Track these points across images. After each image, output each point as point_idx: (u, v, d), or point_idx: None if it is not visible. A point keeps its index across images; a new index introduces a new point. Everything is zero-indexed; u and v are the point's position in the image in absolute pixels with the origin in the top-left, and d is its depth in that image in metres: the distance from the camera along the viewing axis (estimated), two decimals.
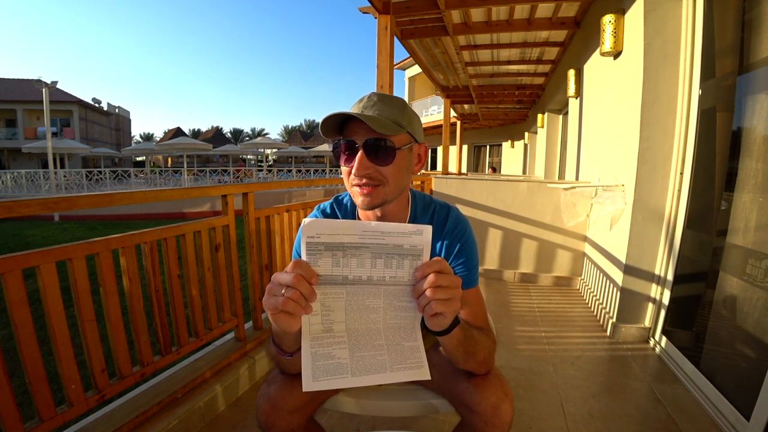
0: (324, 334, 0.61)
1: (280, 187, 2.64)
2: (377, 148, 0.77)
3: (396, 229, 0.59)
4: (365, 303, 0.61)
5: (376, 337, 0.62)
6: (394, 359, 0.62)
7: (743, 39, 1.77)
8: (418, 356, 0.63)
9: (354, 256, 0.59)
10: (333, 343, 0.60)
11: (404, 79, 17.31)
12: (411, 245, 0.59)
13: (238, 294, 1.85)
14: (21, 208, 1.04)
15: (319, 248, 0.58)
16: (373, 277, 0.60)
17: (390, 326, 0.63)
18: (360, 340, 0.62)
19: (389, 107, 0.79)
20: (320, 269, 0.58)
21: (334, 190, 10.65)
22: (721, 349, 1.84)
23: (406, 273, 0.60)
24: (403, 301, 0.62)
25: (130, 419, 1.31)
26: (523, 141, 11.52)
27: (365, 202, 0.80)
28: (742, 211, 1.67)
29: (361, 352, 0.61)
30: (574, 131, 4.24)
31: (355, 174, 0.77)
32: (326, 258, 0.58)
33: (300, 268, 0.56)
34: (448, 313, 0.60)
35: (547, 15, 3.80)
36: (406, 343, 0.63)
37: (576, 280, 3.44)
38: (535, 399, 1.74)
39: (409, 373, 0.61)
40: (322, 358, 0.59)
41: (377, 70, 3.26)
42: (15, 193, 13.78)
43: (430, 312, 0.59)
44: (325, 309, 0.60)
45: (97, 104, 27.53)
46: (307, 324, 0.60)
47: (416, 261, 0.60)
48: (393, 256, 0.60)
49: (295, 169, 23.29)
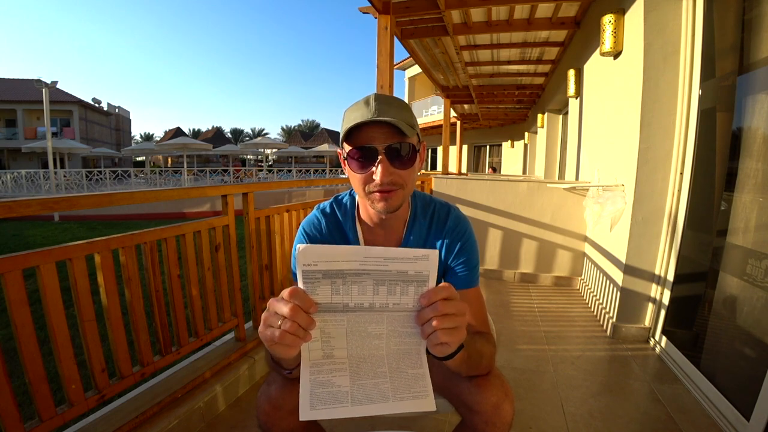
0: (324, 360, 0.58)
1: (280, 187, 2.64)
2: (399, 152, 0.76)
3: (400, 254, 0.56)
4: (367, 329, 0.58)
5: (379, 364, 0.59)
6: (397, 387, 0.59)
7: (743, 39, 1.77)
8: (423, 385, 0.59)
9: (355, 284, 0.56)
10: (333, 369, 0.58)
11: (404, 79, 17.31)
12: (416, 271, 0.57)
13: (238, 294, 1.85)
14: (21, 208, 1.04)
15: (316, 276, 0.55)
16: (376, 304, 0.57)
17: (393, 352, 0.60)
18: (362, 367, 0.59)
19: (399, 109, 0.77)
20: (319, 297, 0.55)
21: (334, 190, 10.64)
22: (721, 349, 1.84)
23: (411, 299, 0.57)
24: (408, 327, 0.59)
25: (130, 419, 1.31)
26: (523, 141, 11.52)
27: (386, 207, 0.78)
28: (742, 211, 1.67)
29: (362, 380, 0.58)
30: (574, 131, 4.24)
31: (381, 181, 0.75)
32: (325, 286, 0.55)
33: (297, 298, 0.54)
34: (454, 343, 0.58)
35: (547, 15, 3.80)
36: (411, 370, 0.60)
37: (576, 280, 3.44)
38: (535, 399, 1.74)
39: (412, 403, 0.58)
40: (321, 386, 0.57)
41: (377, 70, 3.26)
42: (15, 193, 13.77)
43: (435, 341, 0.57)
44: (325, 336, 0.58)
45: (97, 104, 27.53)
46: (306, 350, 0.57)
47: (421, 287, 0.57)
48: (397, 283, 0.57)
49: (295, 169, 23.29)
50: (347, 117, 0.78)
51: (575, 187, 3.29)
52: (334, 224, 0.92)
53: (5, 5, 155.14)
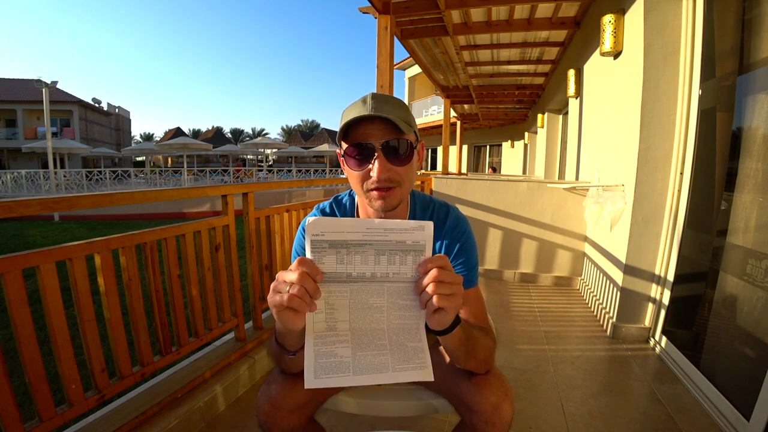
0: (327, 332, 0.61)
1: (280, 187, 2.64)
2: (396, 149, 0.76)
3: (398, 225, 0.59)
4: (369, 302, 0.61)
5: (380, 337, 0.62)
6: (397, 359, 0.61)
7: (743, 39, 1.77)
8: (422, 357, 0.62)
9: (358, 253, 0.59)
10: (336, 341, 0.60)
11: (404, 79, 17.31)
12: (413, 241, 0.60)
13: (238, 294, 1.85)
14: (21, 208, 1.04)
15: (323, 246, 0.58)
16: (377, 273, 0.60)
17: (394, 327, 0.63)
18: (363, 339, 0.61)
19: (396, 107, 0.77)
20: (324, 267, 0.58)
21: (334, 190, 10.64)
22: (721, 349, 1.84)
23: (409, 269, 0.61)
24: (407, 300, 0.62)
25: (130, 419, 1.31)
26: (523, 141, 11.52)
27: (383, 205, 0.79)
28: (742, 211, 1.67)
29: (363, 351, 0.61)
30: (574, 131, 4.24)
31: (378, 177, 0.76)
32: (330, 255, 0.59)
33: (305, 266, 0.56)
34: (450, 308, 0.60)
35: (547, 15, 3.80)
36: (410, 343, 0.63)
37: (576, 280, 3.44)
38: (535, 399, 1.74)
39: (412, 374, 0.61)
40: (325, 356, 0.59)
41: (377, 70, 3.26)
42: (15, 193, 13.77)
43: (432, 307, 0.59)
44: (329, 307, 0.60)
45: (97, 104, 27.53)
46: (311, 322, 0.60)
47: (419, 257, 0.60)
48: (396, 253, 0.60)
49: (295, 169, 23.28)
50: (345, 116, 0.78)
51: (575, 187, 3.29)
52: None
53: (5, 5, 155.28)
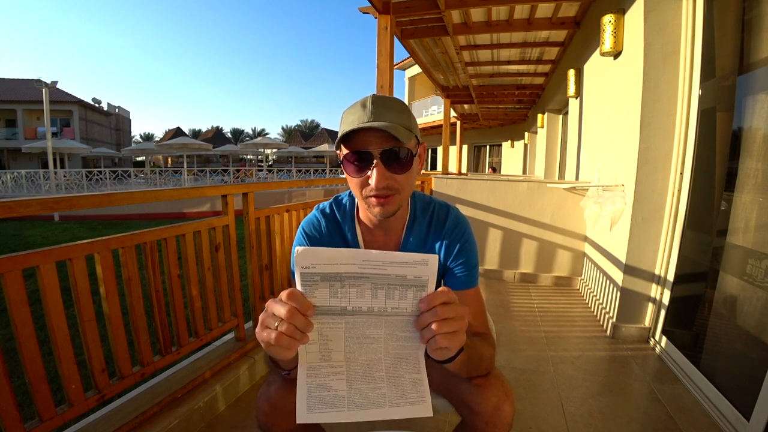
0: (322, 363, 0.58)
1: (280, 187, 2.64)
2: (395, 156, 0.75)
3: (399, 258, 0.56)
4: (365, 333, 0.58)
5: (377, 369, 0.59)
6: (395, 393, 0.58)
7: (743, 39, 1.77)
8: (420, 390, 0.59)
9: (353, 287, 0.56)
10: (331, 373, 0.58)
11: (404, 79, 17.31)
12: (415, 276, 0.56)
13: (238, 294, 1.85)
14: (21, 208, 1.04)
15: (314, 279, 0.55)
16: (374, 308, 0.57)
17: (392, 356, 0.60)
18: (359, 371, 0.58)
19: (397, 112, 0.76)
20: (317, 300, 0.55)
21: (334, 190, 10.64)
22: (721, 349, 1.84)
23: (410, 304, 0.57)
24: (406, 332, 0.59)
25: (130, 419, 1.31)
26: (523, 141, 11.52)
27: (382, 212, 0.78)
28: (742, 211, 1.67)
29: (359, 384, 0.58)
30: (574, 131, 4.24)
31: (376, 186, 0.75)
32: (323, 289, 0.55)
33: (295, 300, 0.54)
34: (453, 347, 0.58)
35: (547, 15, 3.80)
36: (408, 375, 0.59)
37: (576, 280, 3.44)
38: (535, 399, 1.74)
39: (410, 409, 0.58)
40: (318, 389, 0.57)
41: (377, 70, 3.26)
42: (15, 193, 13.76)
43: (434, 346, 0.57)
44: (323, 338, 0.57)
45: (97, 104, 27.52)
46: (304, 353, 0.57)
47: (420, 292, 0.57)
48: (396, 287, 0.56)
49: (295, 169, 23.28)
50: (344, 119, 0.78)
51: (575, 187, 3.29)
52: (334, 225, 0.92)
53: (5, 5, 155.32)
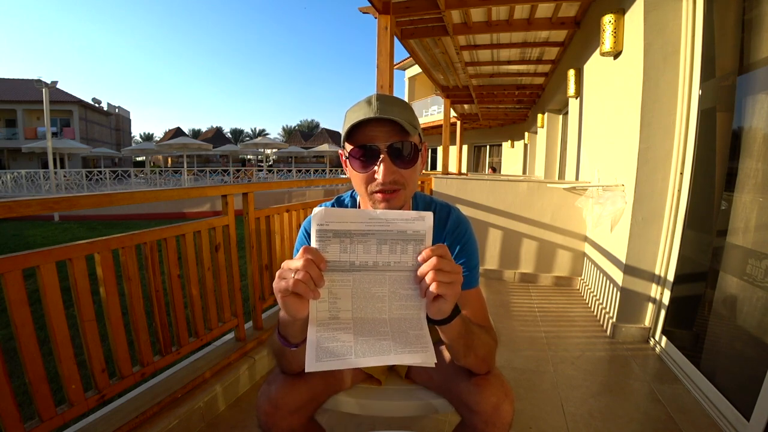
0: (330, 320, 0.62)
1: (280, 187, 2.64)
2: (401, 151, 0.76)
3: (399, 216, 0.61)
4: (371, 291, 0.63)
5: (382, 325, 0.63)
6: (399, 344, 0.62)
7: (743, 39, 1.77)
8: (424, 341, 0.63)
9: (360, 243, 0.61)
10: (338, 328, 0.62)
11: (404, 79, 17.31)
12: (414, 231, 0.62)
13: (238, 294, 1.85)
14: (21, 208, 1.04)
15: (328, 235, 0.60)
16: (379, 262, 0.62)
17: (396, 317, 0.64)
18: (365, 327, 0.63)
19: (401, 109, 0.76)
20: (329, 255, 0.60)
21: (334, 191, 10.64)
22: (721, 349, 1.84)
23: (410, 258, 0.62)
24: (408, 290, 0.64)
25: (130, 419, 1.31)
26: (523, 141, 11.52)
27: (387, 207, 0.78)
28: (742, 211, 1.67)
29: (365, 337, 0.62)
30: (574, 131, 4.24)
31: (383, 180, 0.75)
32: (334, 245, 0.61)
33: (309, 253, 0.58)
34: (449, 296, 0.60)
35: (547, 15, 3.80)
36: (412, 331, 0.64)
37: (576, 280, 3.44)
38: (535, 399, 1.74)
39: (414, 356, 0.61)
40: (327, 341, 0.61)
41: (377, 70, 3.26)
42: (15, 193, 13.77)
43: (431, 295, 0.60)
44: (332, 296, 0.62)
45: (97, 104, 27.53)
46: (314, 311, 0.62)
47: (419, 246, 0.62)
48: (397, 242, 0.62)
49: (295, 169, 23.28)
50: (349, 117, 0.78)
51: (575, 187, 3.29)
52: None
53: (5, 5, 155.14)
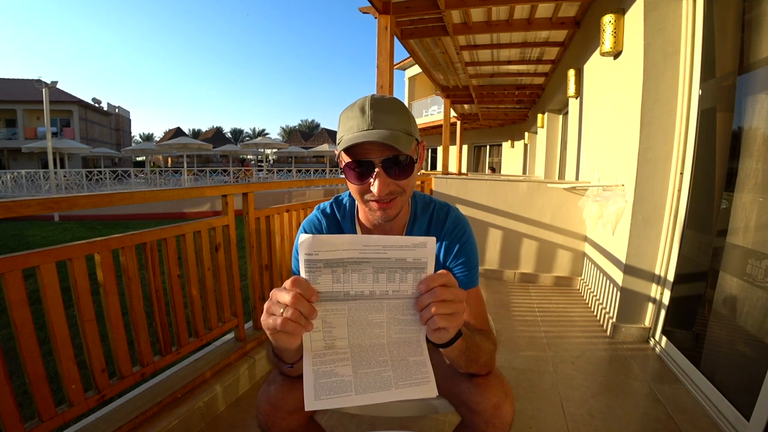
0: (326, 350, 0.59)
1: (280, 187, 2.64)
2: (395, 164, 0.75)
3: (398, 242, 0.57)
4: (368, 318, 0.59)
5: (380, 353, 0.60)
6: (399, 375, 0.59)
7: (743, 39, 1.77)
8: (424, 371, 0.60)
9: (355, 272, 0.57)
10: (336, 359, 0.59)
11: (404, 79, 17.31)
12: (414, 258, 0.58)
13: (238, 294, 1.85)
14: (21, 208, 1.04)
15: (318, 265, 0.56)
16: (376, 291, 0.58)
17: (394, 341, 0.61)
18: (363, 356, 0.60)
19: (396, 116, 0.75)
20: (320, 286, 0.56)
21: (334, 190, 10.64)
22: (721, 349, 1.84)
23: (410, 287, 0.59)
24: (407, 315, 0.60)
25: (130, 419, 1.31)
26: (523, 141, 11.52)
27: (384, 216, 0.78)
28: (742, 211, 1.67)
29: (364, 369, 0.59)
30: (574, 131, 4.24)
31: (378, 195, 0.75)
32: (326, 275, 0.56)
33: (299, 287, 0.55)
34: (452, 328, 0.59)
35: (547, 15, 3.80)
36: (412, 358, 0.61)
37: (576, 280, 3.44)
38: (535, 399, 1.74)
39: (415, 390, 0.59)
40: (325, 376, 0.57)
41: (377, 70, 3.26)
42: (15, 193, 13.76)
43: (433, 326, 0.58)
44: (327, 325, 0.58)
45: (97, 104, 27.51)
46: (308, 340, 0.58)
47: (420, 274, 0.58)
48: (396, 270, 0.58)
49: (295, 169, 23.27)
50: (343, 123, 0.77)
51: (575, 187, 3.29)
52: (334, 224, 0.92)
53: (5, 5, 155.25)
